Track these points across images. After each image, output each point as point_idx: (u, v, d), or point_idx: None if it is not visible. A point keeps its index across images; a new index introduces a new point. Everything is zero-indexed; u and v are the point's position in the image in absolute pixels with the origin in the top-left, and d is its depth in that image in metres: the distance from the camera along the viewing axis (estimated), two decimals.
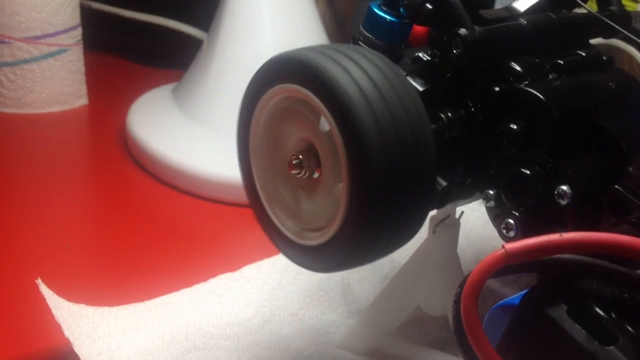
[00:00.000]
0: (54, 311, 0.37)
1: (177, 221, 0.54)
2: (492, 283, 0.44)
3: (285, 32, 0.60)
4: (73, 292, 0.42)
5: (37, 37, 0.67)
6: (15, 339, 0.41)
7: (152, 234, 0.52)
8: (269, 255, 0.46)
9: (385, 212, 0.27)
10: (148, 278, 0.46)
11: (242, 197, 0.34)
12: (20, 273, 0.46)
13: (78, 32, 0.70)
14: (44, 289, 0.38)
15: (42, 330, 0.40)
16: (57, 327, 0.38)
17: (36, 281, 0.39)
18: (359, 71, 0.27)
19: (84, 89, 0.72)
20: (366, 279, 0.44)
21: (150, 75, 0.76)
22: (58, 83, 0.69)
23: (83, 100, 0.72)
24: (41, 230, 0.51)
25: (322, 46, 0.29)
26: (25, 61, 0.68)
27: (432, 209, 0.36)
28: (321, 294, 0.43)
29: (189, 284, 0.43)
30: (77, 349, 0.36)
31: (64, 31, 0.68)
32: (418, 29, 0.34)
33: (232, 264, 0.45)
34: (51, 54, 0.68)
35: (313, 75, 0.28)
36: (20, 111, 0.69)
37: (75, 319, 0.38)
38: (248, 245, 0.49)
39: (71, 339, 0.36)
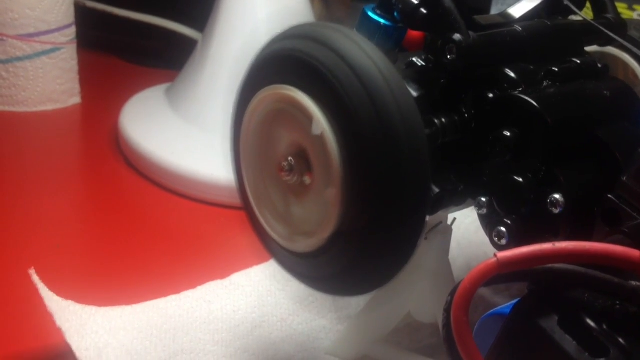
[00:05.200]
0: (46, 301, 0.37)
1: (168, 223, 0.54)
2: (483, 291, 0.44)
3: None
4: (60, 292, 0.41)
5: (30, 35, 0.66)
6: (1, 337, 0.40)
7: (142, 235, 0.52)
8: (260, 259, 0.45)
9: (384, 222, 0.27)
10: (136, 281, 0.46)
11: (235, 199, 0.33)
12: (8, 272, 0.45)
13: (72, 31, 0.69)
14: (36, 279, 0.38)
15: (30, 328, 0.40)
16: (45, 326, 0.38)
17: (29, 271, 0.38)
18: (361, 70, 0.26)
19: (77, 87, 0.71)
20: None
21: (144, 75, 0.75)
22: (51, 81, 0.69)
23: (76, 99, 0.71)
24: (31, 229, 0.51)
25: (317, 27, 0.28)
26: (19, 59, 0.67)
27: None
28: (311, 300, 0.43)
29: (177, 289, 0.43)
30: (69, 339, 0.36)
31: (58, 29, 0.68)
32: (415, 32, 0.34)
33: (222, 269, 0.44)
34: (44, 52, 0.68)
35: (310, 76, 0.27)
36: (13, 109, 0.68)
37: (64, 313, 0.38)
38: (239, 248, 0.49)
39: (63, 329, 0.36)
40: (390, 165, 0.26)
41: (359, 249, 0.27)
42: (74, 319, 0.38)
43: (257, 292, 0.43)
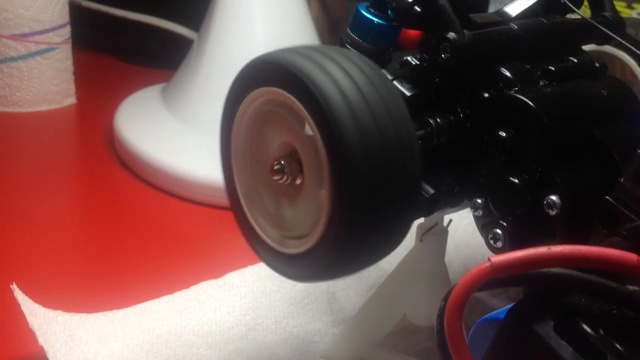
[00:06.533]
0: (28, 318, 0.36)
1: (163, 224, 0.53)
2: (479, 293, 0.43)
3: (276, 33, 0.59)
4: (52, 296, 0.41)
5: (25, 35, 0.66)
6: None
7: (137, 236, 0.51)
8: (254, 261, 0.45)
9: (367, 221, 0.26)
10: (130, 283, 0.45)
11: None
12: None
13: (67, 30, 0.69)
14: (19, 295, 0.37)
15: (20, 337, 0.39)
16: (33, 334, 0.37)
17: (11, 286, 0.38)
18: (342, 75, 0.26)
19: (72, 88, 0.71)
20: (352, 288, 0.44)
21: (139, 75, 0.75)
22: (46, 82, 0.68)
23: (71, 100, 0.71)
24: (24, 231, 0.51)
25: (306, 47, 0.29)
26: (13, 59, 0.67)
27: (420, 217, 0.35)
28: (306, 302, 0.42)
29: (170, 290, 0.42)
30: (52, 357, 0.35)
31: (53, 29, 0.67)
32: (413, 31, 0.33)
33: (216, 269, 0.44)
34: (39, 52, 0.67)
35: (295, 80, 0.27)
36: (7, 109, 0.68)
37: (51, 325, 0.37)
38: (233, 249, 0.48)
39: (45, 347, 0.36)
40: (368, 179, 0.26)
41: (344, 248, 0.27)
42: (62, 330, 0.37)
43: (252, 293, 0.42)
